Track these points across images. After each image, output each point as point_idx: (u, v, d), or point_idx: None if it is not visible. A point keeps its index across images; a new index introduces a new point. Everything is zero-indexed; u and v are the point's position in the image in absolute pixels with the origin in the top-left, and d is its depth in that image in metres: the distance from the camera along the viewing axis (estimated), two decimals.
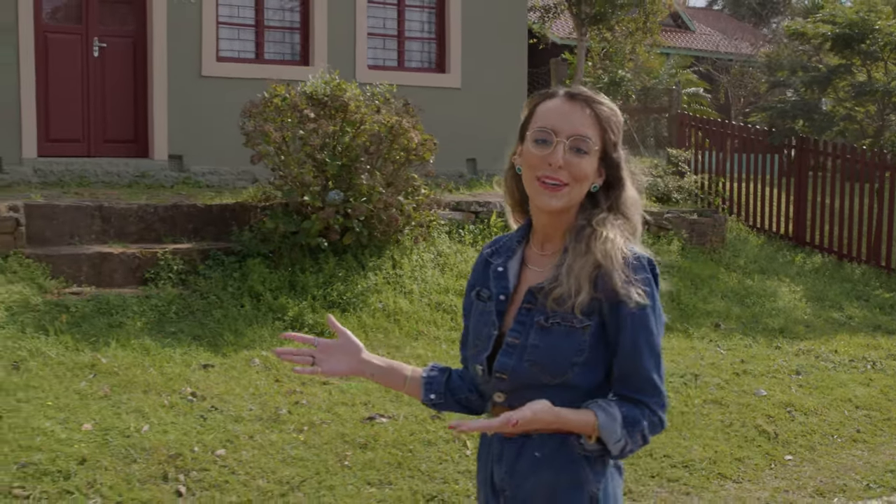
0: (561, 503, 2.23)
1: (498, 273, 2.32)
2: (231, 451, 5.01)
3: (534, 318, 2.22)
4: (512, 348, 2.24)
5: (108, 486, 4.51)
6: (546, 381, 2.20)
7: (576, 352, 2.18)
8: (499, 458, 2.31)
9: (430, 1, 11.66)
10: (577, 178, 2.18)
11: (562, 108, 2.20)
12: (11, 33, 9.45)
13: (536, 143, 2.18)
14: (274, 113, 7.69)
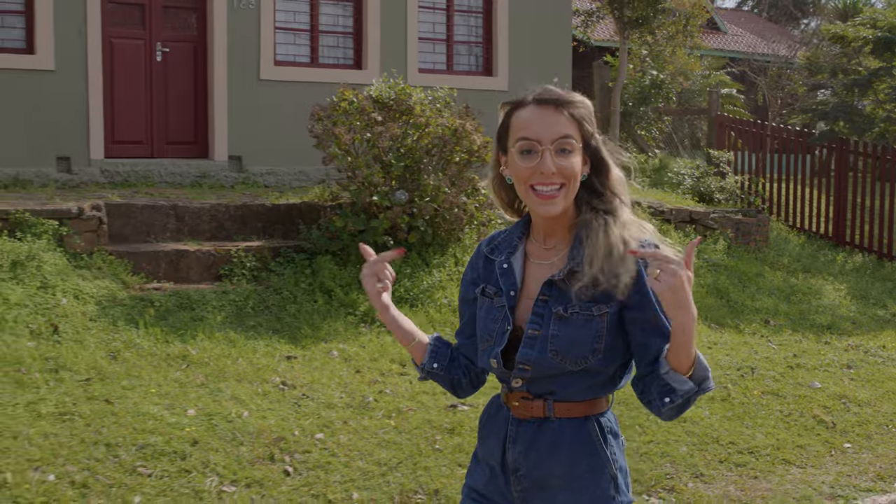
0: (584, 487, 2.32)
1: (503, 269, 2.40)
2: (328, 434, 5.36)
3: (551, 308, 2.30)
4: (533, 340, 2.30)
5: (222, 466, 4.88)
6: (569, 368, 2.28)
7: (595, 339, 2.26)
8: (514, 439, 2.38)
9: (478, 6, 12.01)
10: (569, 177, 2.26)
11: (537, 115, 2.27)
12: (80, 38, 9.85)
13: (522, 154, 2.26)
14: (342, 116, 8.04)
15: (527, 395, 2.34)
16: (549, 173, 2.23)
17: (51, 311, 6.72)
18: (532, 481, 2.36)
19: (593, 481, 2.32)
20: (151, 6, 10.39)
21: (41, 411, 5.26)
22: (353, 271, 7.99)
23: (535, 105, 2.29)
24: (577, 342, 2.26)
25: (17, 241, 7.30)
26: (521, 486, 2.37)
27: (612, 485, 2.34)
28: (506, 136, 2.33)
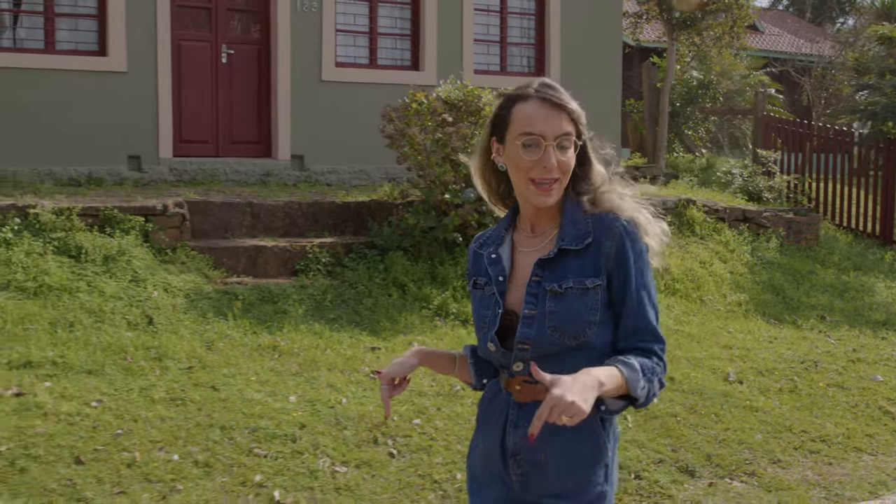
0: (580, 472, 2.41)
1: (492, 259, 2.53)
2: (425, 420, 5.67)
3: (545, 287, 2.40)
4: (530, 319, 2.39)
5: (331, 448, 5.19)
6: (567, 343, 2.37)
7: (591, 311, 2.37)
8: (515, 424, 2.46)
9: (531, 8, 12.29)
10: (566, 171, 2.41)
11: (540, 112, 2.40)
12: (150, 40, 10.21)
13: (525, 147, 2.39)
14: (414, 117, 8.34)
15: (528, 379, 2.41)
16: (552, 167, 2.37)
17: (143, 303, 7.06)
18: (531, 465, 2.44)
19: (588, 466, 2.41)
20: (217, 9, 10.73)
21: (154, 397, 5.59)
22: (425, 267, 8.29)
23: (539, 101, 2.41)
24: (573, 315, 2.36)
25: (108, 236, 7.64)
26: (520, 469, 2.46)
27: (604, 471, 2.43)
28: (504, 126, 2.44)
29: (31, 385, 5.56)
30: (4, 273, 7.01)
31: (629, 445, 5.68)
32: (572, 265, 2.40)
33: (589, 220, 2.41)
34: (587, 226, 2.41)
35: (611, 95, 12.45)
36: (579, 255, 2.39)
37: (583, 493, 2.41)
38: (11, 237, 7.35)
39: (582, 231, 2.40)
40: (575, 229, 2.42)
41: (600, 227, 2.39)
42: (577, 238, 2.40)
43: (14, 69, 9.81)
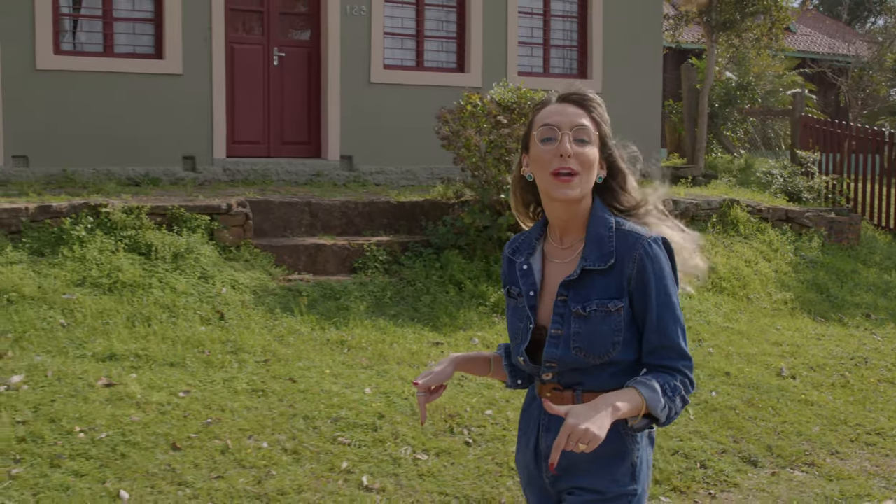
0: (605, 470, 2.48)
1: (523, 271, 2.55)
2: (496, 411, 5.90)
3: (570, 308, 2.43)
4: (556, 339, 2.45)
5: (411, 437, 5.43)
6: (592, 362, 2.43)
7: (614, 332, 2.41)
8: (546, 428, 2.54)
9: (573, 11, 12.51)
10: (586, 166, 2.40)
11: (558, 108, 2.45)
12: (205, 44, 10.50)
13: (544, 141, 2.42)
14: (469, 118, 8.58)
15: (557, 387, 2.49)
16: (567, 155, 2.37)
17: (213, 299, 7.33)
18: (561, 467, 2.51)
19: (615, 466, 2.48)
20: (269, 13, 11.01)
21: (236, 388, 5.86)
22: (480, 265, 8.53)
23: (558, 101, 2.48)
24: (597, 338, 2.41)
25: (176, 234, 7.92)
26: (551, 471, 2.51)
27: (631, 472, 2.49)
28: (529, 136, 2.49)
29: (119, 376, 5.84)
30: (80, 270, 7.30)
31: (692, 436, 5.89)
32: (596, 285, 2.43)
33: (613, 238, 2.43)
34: (611, 245, 2.43)
35: (651, 97, 12.65)
36: (603, 275, 2.42)
37: (608, 491, 2.47)
38: (85, 235, 7.64)
39: (605, 251, 2.42)
40: (598, 249, 2.43)
41: (623, 247, 2.42)
42: (601, 258, 2.43)
43: (75, 72, 10.11)
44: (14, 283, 6.95)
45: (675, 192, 11.11)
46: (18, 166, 9.95)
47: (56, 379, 5.72)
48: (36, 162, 9.98)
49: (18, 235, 7.62)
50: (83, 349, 6.26)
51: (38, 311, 6.70)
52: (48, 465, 4.76)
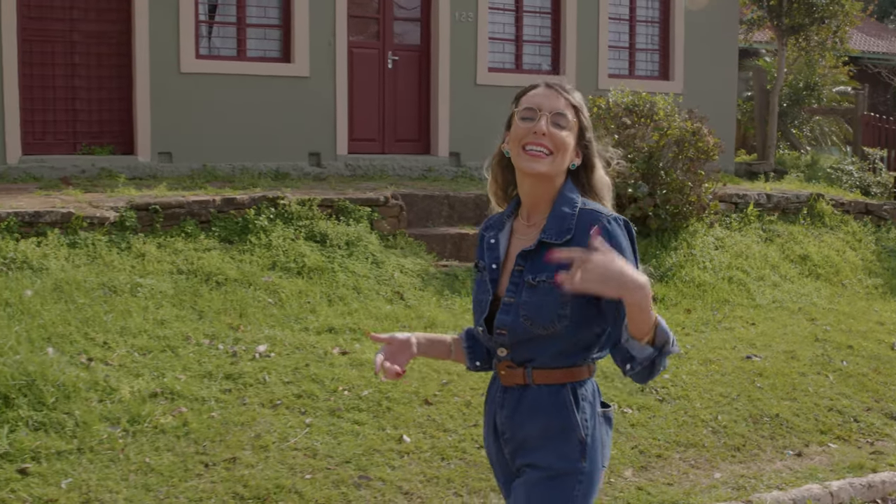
0: (553, 445, 2.60)
1: (490, 245, 2.73)
2: (672, 375, 6.95)
3: (524, 278, 2.59)
4: (508, 307, 2.60)
5: (613, 395, 6.49)
6: (539, 332, 2.55)
7: (561, 305, 2.52)
8: (501, 405, 2.70)
9: (656, 17, 13.58)
10: (559, 148, 2.58)
11: (543, 92, 2.65)
12: (329, 48, 11.55)
13: (523, 119, 2.61)
14: (596, 120, 9.63)
15: (511, 364, 2.65)
16: (541, 133, 2.56)
17: (388, 281, 8.38)
18: (516, 443, 2.67)
19: (562, 441, 2.60)
20: (385, 19, 12.06)
21: None
22: None
23: (544, 86, 2.68)
24: (542, 308, 2.54)
25: (344, 224, 8.96)
26: (508, 447, 2.71)
27: (580, 448, 2.59)
28: (512, 115, 2.70)
29: (347, 345, 6.90)
30: (269, 255, 8.34)
31: (839, 397, 6.97)
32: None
33: (574, 216, 2.58)
34: (571, 222, 2.57)
35: (727, 97, 13.73)
36: (560, 249, 2.45)
37: (554, 467, 2.60)
38: (267, 224, 8.68)
39: (565, 227, 2.57)
40: (558, 224, 2.58)
41: (582, 224, 2.56)
42: (559, 233, 2.57)
43: (211, 74, 11.15)
44: (218, 267, 7.99)
45: (762, 186, 12.20)
46: (163, 162, 10.98)
47: (295, 348, 6.77)
48: (179, 158, 11.01)
49: (208, 225, 8.65)
50: (302, 323, 7.31)
51: (245, 292, 7.74)
52: (331, 416, 5.82)
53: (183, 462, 5.15)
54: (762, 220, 10.95)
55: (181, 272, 7.88)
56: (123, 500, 4.75)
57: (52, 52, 10.72)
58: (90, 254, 7.92)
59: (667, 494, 5.28)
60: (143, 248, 8.10)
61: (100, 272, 7.66)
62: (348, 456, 5.34)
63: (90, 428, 5.33)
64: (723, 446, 6.04)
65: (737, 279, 9.70)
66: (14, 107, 10.37)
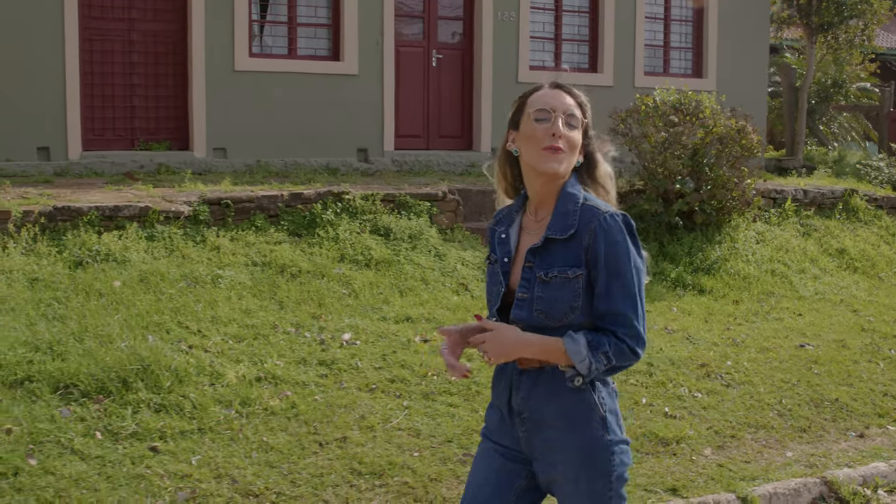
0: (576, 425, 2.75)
1: (501, 239, 2.86)
2: (734, 362, 7.37)
3: (535, 274, 2.72)
4: (522, 302, 2.74)
5: (681, 381, 6.91)
6: (552, 325, 2.70)
7: (573, 298, 2.68)
8: (517, 387, 2.82)
9: (689, 16, 13.98)
10: (572, 147, 2.72)
11: (552, 93, 2.77)
12: (377, 47, 11.95)
13: (538, 121, 2.72)
14: (645, 118, 10.05)
15: None
16: (559, 135, 2.70)
17: (451, 273, 8.80)
18: (533, 422, 2.80)
19: (583, 422, 2.74)
20: (429, 19, 12.46)
21: None
22: (654, 246, 10.01)
23: (550, 87, 2.80)
24: (557, 302, 2.69)
25: (406, 219, 9.37)
26: (524, 427, 2.83)
27: (602, 424, 2.76)
28: (520, 114, 2.82)
29: (427, 333, 7.31)
30: (337, 248, 8.76)
31: (892, 383, 7.39)
32: (558, 254, 2.72)
33: (578, 212, 2.72)
34: (574, 218, 2.71)
35: (758, 95, 14.14)
36: (565, 245, 2.71)
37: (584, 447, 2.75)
38: (333, 218, 9.09)
39: (568, 223, 2.72)
40: (562, 221, 2.73)
41: (584, 219, 2.71)
42: (563, 229, 2.72)
43: (263, 73, 11.55)
44: (291, 260, 8.40)
45: (796, 182, 12.61)
46: (218, 157, 11.39)
47: (378, 337, 7.19)
48: (233, 153, 11.42)
49: (276, 219, 9.06)
50: (379, 313, 7.72)
51: (320, 283, 8.15)
52: (425, 399, 6.24)
53: (298, 441, 5.56)
54: (799, 215, 11.37)
55: (256, 264, 8.30)
56: (251, 475, 5.16)
57: (111, 51, 11.12)
58: (167, 246, 8.33)
59: (746, 471, 5.70)
60: (217, 241, 8.51)
61: (180, 264, 8.07)
62: (449, 435, 5.76)
63: (206, 410, 5.74)
64: (790, 428, 6.46)
65: (779, 272, 10.13)
66: (76, 104, 10.77)
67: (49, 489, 4.80)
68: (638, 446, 5.87)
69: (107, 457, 5.17)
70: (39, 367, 5.98)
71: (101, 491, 4.85)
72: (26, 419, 5.43)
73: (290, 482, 5.12)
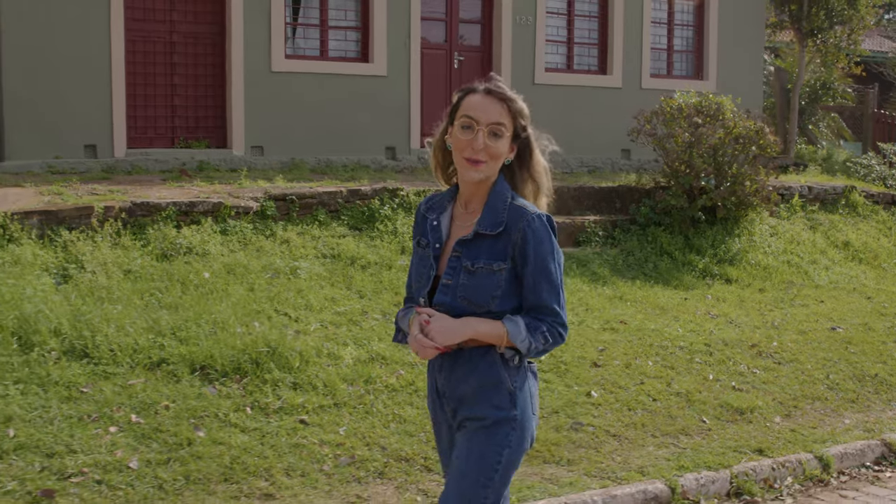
0: (486, 398, 3.00)
1: (433, 226, 3.05)
2: (778, 342, 8.27)
3: (462, 263, 2.95)
4: (446, 287, 2.97)
5: (738, 359, 7.77)
6: (473, 310, 2.95)
7: (495, 288, 2.93)
8: (440, 369, 3.09)
9: (690, 21, 14.92)
10: (494, 157, 2.92)
11: (482, 101, 2.94)
12: (405, 49, 12.68)
13: (463, 129, 2.92)
14: (671, 119, 10.92)
15: None
16: (479, 149, 2.91)
17: None
18: (455, 400, 3.07)
19: (494, 393, 3.01)
20: (452, 22, 13.21)
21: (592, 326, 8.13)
22: (680, 239, 10.87)
23: (484, 94, 2.97)
24: (480, 290, 2.93)
25: None
26: (450, 405, 3.11)
27: (509, 398, 3.02)
28: (455, 113, 3.01)
29: None
30: (397, 241, 9.47)
31: None
32: (485, 247, 2.95)
33: (506, 210, 2.96)
34: (503, 216, 2.95)
35: (754, 95, 15.12)
36: (493, 239, 2.95)
37: (489, 416, 3.01)
38: (390, 213, 9.81)
39: (497, 220, 2.95)
40: (492, 217, 2.96)
41: (513, 218, 2.95)
42: (493, 225, 2.96)
43: (297, 73, 12.21)
44: (358, 252, 9.11)
45: (797, 178, 13.61)
46: (255, 155, 12.02)
47: None
48: (269, 151, 12.07)
49: (336, 213, 9.75)
50: None
51: (388, 274, 8.86)
52: None
53: (426, 414, 6.29)
54: (805, 210, 12.35)
55: (326, 256, 8.99)
56: (395, 443, 5.88)
57: (153, 52, 11.69)
58: (241, 240, 8.99)
59: (816, 435, 6.57)
60: (285, 234, 9.19)
61: (257, 256, 8.74)
62: (555, 407, 6.54)
63: (336, 387, 6.44)
64: (840, 399, 7.36)
65: (794, 263, 11.08)
66: (121, 103, 11.33)
67: (224, 456, 5.48)
68: (718, 415, 6.73)
69: (263, 429, 5.85)
70: (170, 351, 6.63)
71: (270, 458, 5.54)
72: (178, 397, 6.09)
73: (431, 448, 5.84)
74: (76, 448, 5.41)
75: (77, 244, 8.28)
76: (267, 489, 5.28)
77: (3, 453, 5.32)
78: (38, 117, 10.92)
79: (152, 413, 5.88)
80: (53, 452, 5.35)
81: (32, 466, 5.20)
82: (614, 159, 13.93)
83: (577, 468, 5.78)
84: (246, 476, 5.36)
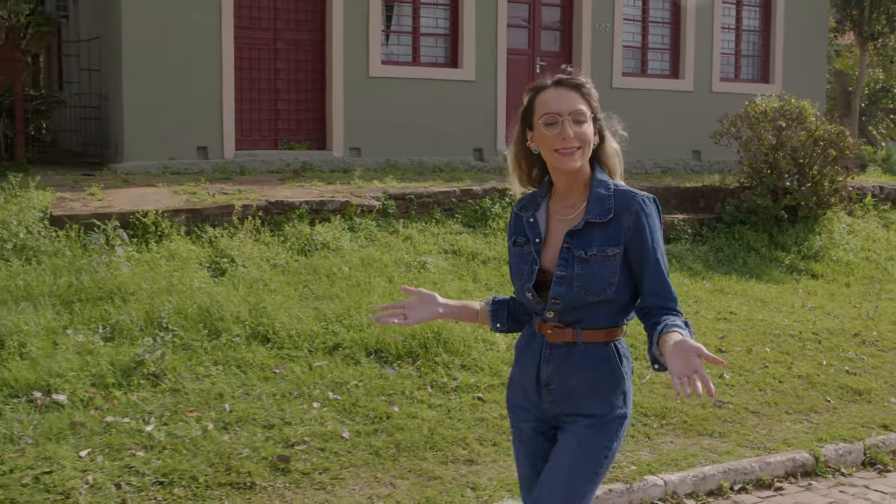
0: (601, 395, 3.06)
1: (530, 223, 3.11)
2: (878, 332, 9.09)
3: (573, 253, 2.98)
4: (561, 279, 2.98)
5: (835, 346, 8.61)
6: (591, 300, 2.97)
7: (611, 274, 2.95)
8: (547, 360, 3.09)
9: (757, 26, 15.75)
10: (584, 141, 2.97)
11: (557, 94, 3.00)
12: (492, 55, 13.53)
13: (547, 126, 2.97)
14: (756, 122, 11.75)
15: (559, 325, 3.04)
16: (570, 137, 2.94)
17: None
18: (561, 393, 3.08)
19: (610, 392, 3.06)
20: (534, 28, 14.07)
21: (707, 317, 8.97)
22: (765, 236, 11.71)
23: (555, 87, 3.03)
24: (596, 279, 2.95)
25: None
26: (551, 396, 3.11)
27: (622, 397, 3.09)
28: (531, 115, 3.06)
29: None
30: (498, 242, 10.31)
31: None
32: (597, 235, 2.98)
33: (612, 197, 3.01)
34: (610, 202, 3.00)
35: (817, 97, 15.94)
36: (603, 227, 2.98)
37: (606, 414, 3.07)
38: (501, 212, 10.66)
39: (605, 207, 2.99)
40: (599, 205, 3.00)
41: (621, 204, 3.00)
42: (602, 213, 2.99)
43: (392, 78, 13.06)
44: (476, 248, 9.96)
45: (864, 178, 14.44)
46: (353, 156, 12.89)
47: None
48: (367, 153, 12.93)
49: (451, 212, 10.60)
50: None
51: (507, 269, 9.69)
52: None
53: None
54: (878, 209, 13.18)
55: (447, 252, 9.84)
56: None
57: (258, 58, 12.56)
58: (367, 236, 9.84)
59: None
60: (406, 231, 10.04)
61: (385, 251, 9.59)
62: None
63: (500, 369, 7.28)
64: None
65: (873, 259, 11.90)
66: (230, 107, 12.19)
67: (422, 428, 6.29)
68: (839, 395, 7.56)
69: (446, 405, 6.68)
70: (343, 336, 7.47)
71: (461, 430, 6.36)
72: (363, 378, 6.92)
73: None
74: (290, 420, 6.22)
75: (221, 240, 9.13)
76: (467, 456, 6.09)
77: (228, 425, 6.14)
78: (154, 121, 11.79)
79: (345, 391, 6.70)
80: (271, 424, 6.15)
81: (256, 436, 6.00)
82: (685, 160, 14.78)
83: (729, 440, 6.62)
84: (446, 445, 6.17)
